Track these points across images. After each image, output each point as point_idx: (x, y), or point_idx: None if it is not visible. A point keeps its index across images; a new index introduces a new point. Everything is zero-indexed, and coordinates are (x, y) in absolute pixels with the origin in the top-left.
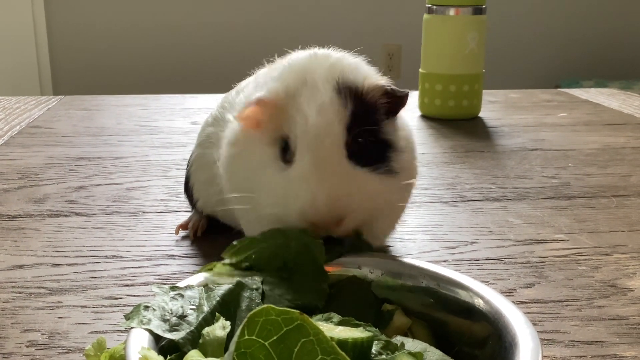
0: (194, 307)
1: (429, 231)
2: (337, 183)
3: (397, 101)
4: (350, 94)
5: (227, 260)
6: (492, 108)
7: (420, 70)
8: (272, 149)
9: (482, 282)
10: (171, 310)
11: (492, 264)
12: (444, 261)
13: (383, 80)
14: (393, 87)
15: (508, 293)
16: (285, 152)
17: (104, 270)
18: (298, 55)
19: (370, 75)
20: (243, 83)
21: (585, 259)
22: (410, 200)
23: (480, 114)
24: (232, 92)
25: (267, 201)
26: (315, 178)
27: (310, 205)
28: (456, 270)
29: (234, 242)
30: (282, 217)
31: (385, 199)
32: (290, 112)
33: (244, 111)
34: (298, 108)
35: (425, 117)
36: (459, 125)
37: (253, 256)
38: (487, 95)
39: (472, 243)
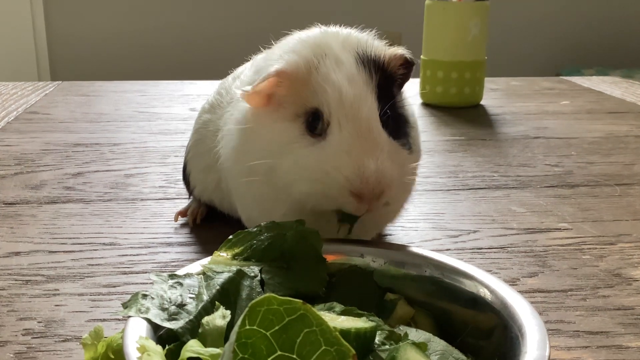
0: (193, 295)
1: (430, 219)
2: (381, 153)
3: (409, 72)
4: (373, 65)
5: (223, 254)
6: (494, 96)
7: (421, 57)
8: (295, 124)
9: (484, 271)
10: (170, 298)
11: (495, 252)
12: (446, 250)
13: (400, 50)
14: (410, 55)
15: (511, 282)
16: (313, 125)
17: (102, 257)
18: (306, 32)
19: (384, 47)
20: (240, 69)
21: (589, 248)
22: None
23: (482, 102)
24: (229, 78)
25: (297, 178)
26: (360, 148)
27: (357, 175)
28: (459, 259)
29: (230, 237)
30: (320, 192)
31: (412, 174)
32: (315, 84)
33: (258, 85)
34: (325, 79)
35: (426, 104)
36: (461, 113)
37: (249, 250)
38: (489, 83)
39: (474, 232)
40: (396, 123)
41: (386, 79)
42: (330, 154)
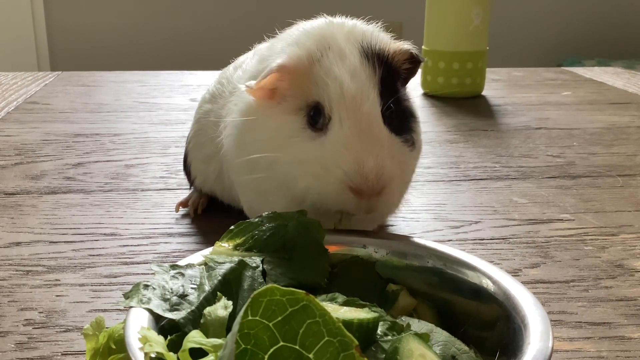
0: (195, 286)
1: (432, 210)
2: (381, 149)
3: (415, 67)
4: (377, 58)
5: (224, 244)
6: (496, 86)
7: (423, 47)
8: (297, 118)
9: (487, 262)
10: (171, 289)
11: (496, 243)
12: (448, 241)
13: (406, 45)
14: (417, 51)
15: (513, 273)
16: (315, 119)
17: (103, 248)
18: (311, 23)
19: (390, 40)
20: (241, 58)
21: (591, 239)
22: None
23: (484, 92)
24: (230, 67)
25: (297, 173)
26: (360, 144)
27: (356, 171)
28: (461, 250)
29: (231, 227)
30: (319, 188)
31: (412, 171)
32: (317, 77)
33: (260, 80)
34: (327, 73)
35: (428, 95)
36: (462, 103)
37: (251, 240)
38: (490, 74)
39: (476, 222)
40: (399, 118)
41: (390, 73)
42: (330, 149)
